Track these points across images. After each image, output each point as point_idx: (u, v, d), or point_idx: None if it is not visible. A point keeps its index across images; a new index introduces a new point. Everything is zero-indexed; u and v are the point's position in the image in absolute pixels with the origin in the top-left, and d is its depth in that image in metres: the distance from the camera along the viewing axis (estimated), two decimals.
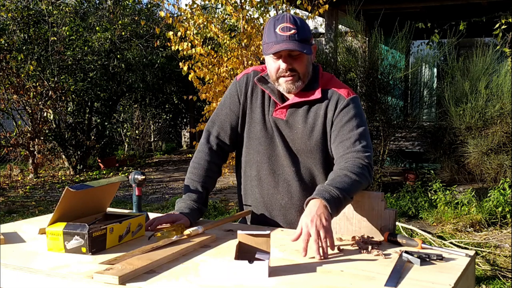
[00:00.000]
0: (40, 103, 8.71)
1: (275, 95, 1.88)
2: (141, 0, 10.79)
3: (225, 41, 6.50)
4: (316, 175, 1.89)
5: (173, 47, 6.37)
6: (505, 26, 6.73)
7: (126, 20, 9.94)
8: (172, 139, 13.26)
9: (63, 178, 9.06)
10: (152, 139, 12.59)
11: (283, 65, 1.78)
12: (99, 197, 1.73)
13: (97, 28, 9.62)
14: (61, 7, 9.65)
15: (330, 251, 1.52)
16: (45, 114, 9.10)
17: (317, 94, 1.84)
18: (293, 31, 1.75)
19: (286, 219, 1.93)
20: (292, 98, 1.87)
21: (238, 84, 1.96)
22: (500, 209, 5.30)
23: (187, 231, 1.64)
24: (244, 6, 6.30)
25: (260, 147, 1.92)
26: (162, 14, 6.61)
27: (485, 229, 5.21)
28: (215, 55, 6.39)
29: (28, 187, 8.11)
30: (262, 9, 6.52)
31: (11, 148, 8.77)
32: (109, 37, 9.54)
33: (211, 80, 6.34)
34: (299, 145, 1.87)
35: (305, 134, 1.86)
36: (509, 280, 3.84)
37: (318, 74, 1.90)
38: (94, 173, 9.41)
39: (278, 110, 1.88)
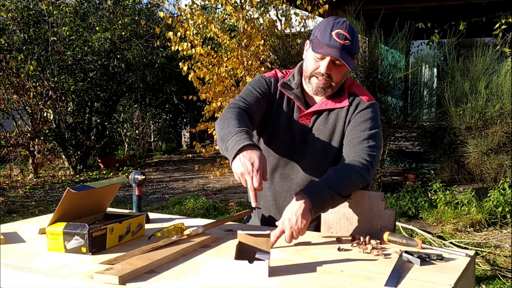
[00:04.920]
0: (40, 103, 8.71)
1: (300, 102, 1.86)
2: (141, 0, 10.80)
3: (225, 41, 6.50)
4: None
5: (173, 47, 6.38)
6: (505, 26, 6.72)
7: (126, 20, 9.95)
8: (172, 139, 13.27)
9: (63, 178, 9.06)
10: (152, 139, 12.60)
11: (322, 69, 1.76)
12: (99, 197, 1.73)
13: (97, 28, 9.62)
14: (61, 7, 9.65)
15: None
16: (45, 114, 9.11)
17: (345, 102, 1.85)
18: (347, 41, 1.74)
19: None
20: (318, 104, 1.86)
21: (268, 80, 1.90)
22: (500, 209, 5.30)
23: (187, 231, 1.65)
24: (244, 6, 6.30)
25: (280, 151, 1.89)
26: (162, 14, 6.61)
27: (485, 229, 5.21)
28: (215, 55, 6.40)
29: (28, 187, 8.11)
30: (262, 9, 6.53)
31: (11, 148, 8.77)
32: (109, 37, 9.54)
33: (211, 80, 6.35)
34: (319, 151, 1.86)
35: (327, 140, 1.85)
36: (509, 280, 3.84)
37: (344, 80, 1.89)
38: (94, 173, 9.41)
39: (303, 116, 1.87)
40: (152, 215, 2.01)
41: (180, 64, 6.32)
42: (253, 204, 1.52)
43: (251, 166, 1.50)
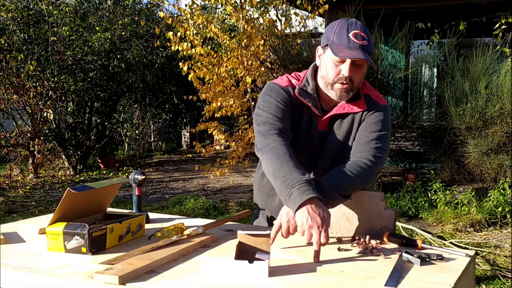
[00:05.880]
0: (40, 103, 8.71)
1: (317, 108, 1.84)
2: (141, 0, 10.80)
3: (225, 41, 6.50)
4: None
5: (173, 47, 6.38)
6: (505, 26, 6.72)
7: (126, 20, 9.94)
8: (172, 139, 13.26)
9: (63, 178, 9.06)
10: (152, 139, 12.59)
11: (345, 72, 1.74)
12: (99, 197, 1.73)
13: (97, 28, 9.62)
14: (61, 7, 9.65)
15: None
16: (45, 114, 9.10)
17: (363, 106, 1.83)
18: (365, 41, 1.73)
19: None
20: (336, 109, 1.84)
21: (287, 91, 1.84)
22: (500, 209, 5.30)
23: (187, 231, 1.65)
24: (244, 6, 6.30)
25: (299, 160, 1.86)
26: (162, 14, 6.61)
27: (485, 229, 5.21)
28: (215, 55, 6.40)
29: (28, 187, 8.11)
30: (262, 9, 6.53)
31: (11, 148, 8.77)
32: (109, 37, 9.54)
33: (211, 80, 6.35)
34: (335, 154, 1.86)
35: (343, 142, 1.85)
36: (509, 280, 3.84)
37: None
38: (94, 173, 9.41)
39: (321, 123, 1.85)
40: (152, 215, 2.01)
41: (180, 64, 6.32)
42: (315, 260, 1.48)
43: (321, 221, 1.49)
